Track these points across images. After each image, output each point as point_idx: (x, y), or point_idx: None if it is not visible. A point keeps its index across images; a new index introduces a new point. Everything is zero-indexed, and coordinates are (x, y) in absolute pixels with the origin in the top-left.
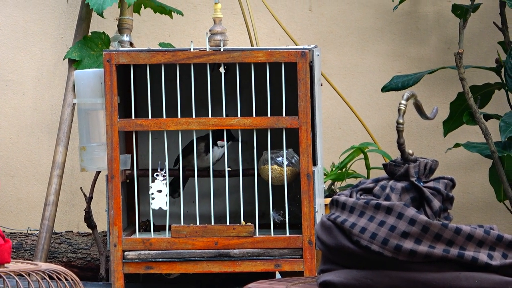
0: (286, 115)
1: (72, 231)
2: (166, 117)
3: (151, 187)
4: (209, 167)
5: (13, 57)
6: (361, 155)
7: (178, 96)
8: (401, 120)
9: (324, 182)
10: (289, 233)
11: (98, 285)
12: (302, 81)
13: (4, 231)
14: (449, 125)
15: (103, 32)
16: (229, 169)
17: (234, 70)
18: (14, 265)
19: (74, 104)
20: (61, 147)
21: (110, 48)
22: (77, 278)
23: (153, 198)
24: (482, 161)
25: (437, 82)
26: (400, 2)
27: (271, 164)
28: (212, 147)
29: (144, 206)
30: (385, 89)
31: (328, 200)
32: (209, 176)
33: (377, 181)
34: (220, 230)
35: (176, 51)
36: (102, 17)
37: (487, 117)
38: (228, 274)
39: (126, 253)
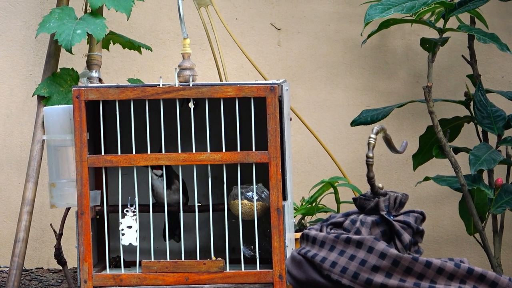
0: (255, 149)
1: (42, 268)
2: (135, 152)
3: (121, 223)
4: (163, 202)
5: None
6: (331, 189)
7: (148, 132)
8: (370, 154)
9: (294, 217)
10: (260, 268)
11: None
12: (272, 115)
13: None
14: (419, 159)
15: (72, 69)
16: (199, 204)
17: (203, 105)
18: None
19: (43, 140)
20: (30, 183)
21: (79, 84)
22: None
23: (123, 234)
24: (452, 194)
25: (406, 115)
26: (368, 36)
27: (241, 199)
28: (151, 178)
29: (114, 242)
30: (354, 123)
31: (299, 234)
32: (179, 211)
33: (347, 215)
34: (190, 265)
35: (145, 87)
36: (71, 53)
37: (457, 150)
38: None
39: None
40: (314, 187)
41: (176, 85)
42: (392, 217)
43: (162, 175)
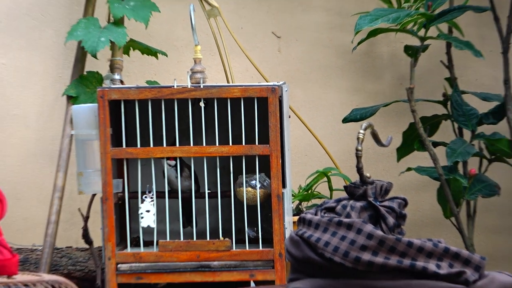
0: (258, 143)
1: (71, 247)
2: (153, 146)
3: (140, 208)
4: (176, 188)
5: (18, 94)
6: (325, 179)
7: (164, 128)
8: (359, 147)
9: (292, 202)
10: (262, 247)
11: None
12: (273, 113)
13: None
14: (402, 152)
15: (97, 71)
16: (209, 191)
17: (213, 104)
18: (21, 277)
19: (71, 135)
20: (61, 173)
21: (103, 85)
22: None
23: (142, 217)
24: (431, 183)
25: (391, 114)
26: (358, 44)
27: (246, 187)
28: (166, 168)
29: (134, 224)
30: (345, 120)
31: (296, 218)
32: (191, 198)
33: (339, 201)
34: (201, 244)
35: (161, 88)
36: (96, 58)
37: (435, 144)
38: (209, 283)
39: (119, 265)
40: (310, 177)
41: (189, 87)
42: (378, 203)
43: (175, 166)
